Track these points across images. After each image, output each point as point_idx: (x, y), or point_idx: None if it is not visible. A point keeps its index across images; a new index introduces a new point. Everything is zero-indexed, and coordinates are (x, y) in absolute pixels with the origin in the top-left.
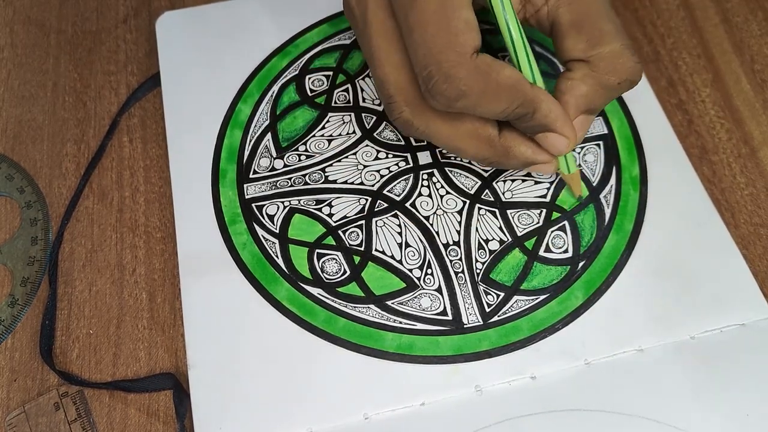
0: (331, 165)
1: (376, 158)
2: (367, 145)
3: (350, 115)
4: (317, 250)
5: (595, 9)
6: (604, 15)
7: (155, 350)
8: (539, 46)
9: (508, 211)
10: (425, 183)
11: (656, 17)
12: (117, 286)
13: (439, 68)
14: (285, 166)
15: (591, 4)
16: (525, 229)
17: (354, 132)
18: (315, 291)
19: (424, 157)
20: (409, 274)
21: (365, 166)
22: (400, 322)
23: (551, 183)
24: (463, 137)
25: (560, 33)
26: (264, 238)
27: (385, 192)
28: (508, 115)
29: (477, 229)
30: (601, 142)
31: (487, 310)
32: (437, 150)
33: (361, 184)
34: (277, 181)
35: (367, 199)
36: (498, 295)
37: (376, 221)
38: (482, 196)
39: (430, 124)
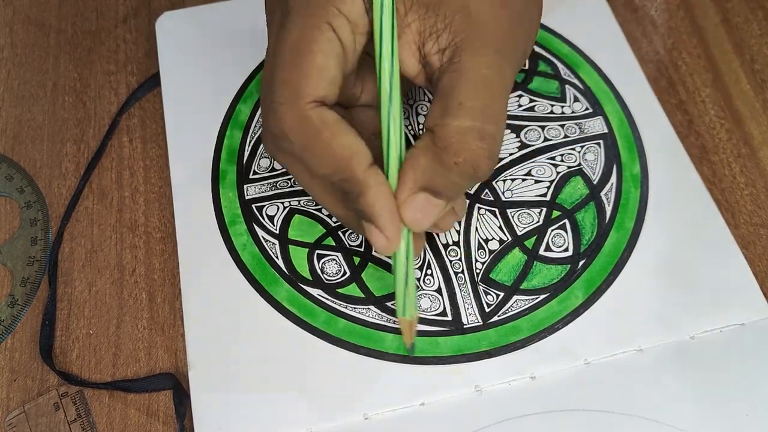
0: None
1: None
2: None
3: None
4: (317, 251)
5: (474, 84)
6: (479, 92)
7: (155, 350)
8: (539, 46)
9: (508, 211)
10: None
11: (656, 17)
12: (117, 286)
13: (272, 101)
14: None
15: (472, 78)
16: (525, 228)
17: None
18: (315, 292)
19: None
20: None
21: None
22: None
23: (551, 182)
24: (314, 181)
25: (433, 97)
26: (264, 239)
27: None
28: (334, 185)
29: (477, 228)
30: (601, 141)
31: (487, 310)
32: None
33: None
34: (277, 181)
35: None
36: (498, 295)
37: None
38: (482, 196)
39: (288, 163)
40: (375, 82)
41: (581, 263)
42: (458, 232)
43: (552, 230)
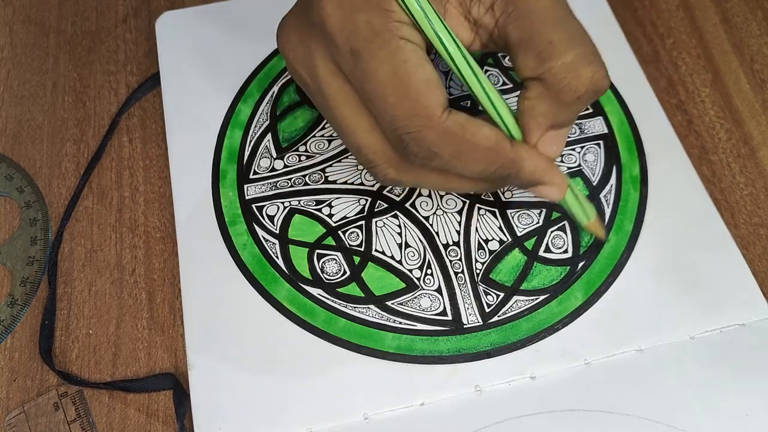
0: (331, 165)
1: None
2: None
3: None
4: (317, 251)
5: (544, 19)
6: (555, 24)
7: (155, 350)
8: None
9: (508, 211)
10: None
11: (656, 17)
12: (116, 286)
13: (407, 133)
14: (285, 166)
15: (539, 15)
16: (525, 229)
17: None
18: (315, 291)
19: None
20: (409, 274)
21: None
22: (400, 323)
23: None
24: (456, 181)
25: (512, 52)
26: (264, 238)
27: (384, 192)
28: (489, 177)
29: (477, 229)
30: (601, 142)
31: (487, 310)
32: None
33: (361, 184)
34: (277, 181)
35: (366, 200)
36: (498, 296)
37: (376, 221)
38: (482, 196)
39: (419, 177)
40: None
41: (581, 264)
42: (458, 232)
43: (552, 231)
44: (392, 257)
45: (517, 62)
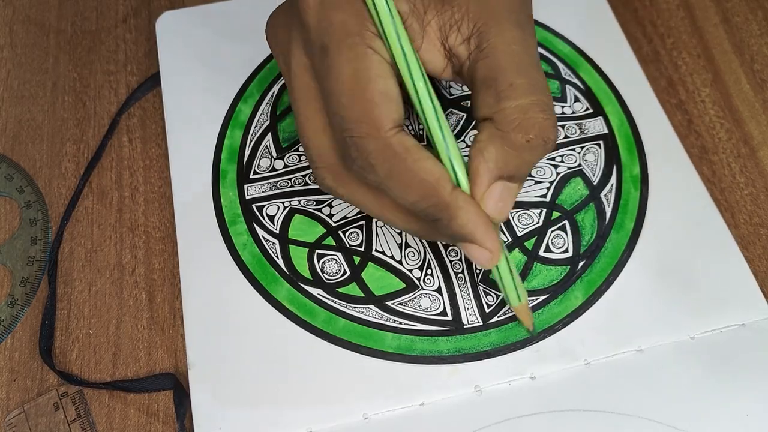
0: None
1: None
2: None
3: None
4: (317, 251)
5: (511, 62)
6: (520, 69)
7: (155, 350)
8: (539, 46)
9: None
10: None
11: (656, 17)
12: (116, 286)
13: (351, 137)
14: (285, 166)
15: (507, 57)
16: (525, 229)
17: None
18: (315, 291)
19: None
20: (409, 274)
21: None
22: (400, 323)
23: (551, 183)
24: (389, 208)
25: (474, 89)
26: (264, 238)
27: None
28: (421, 213)
29: None
30: (601, 142)
31: (487, 310)
32: None
33: None
34: (278, 181)
35: None
36: (498, 296)
37: (376, 221)
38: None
39: (353, 193)
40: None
41: (581, 264)
42: None
43: (552, 231)
44: (392, 257)
45: (476, 100)
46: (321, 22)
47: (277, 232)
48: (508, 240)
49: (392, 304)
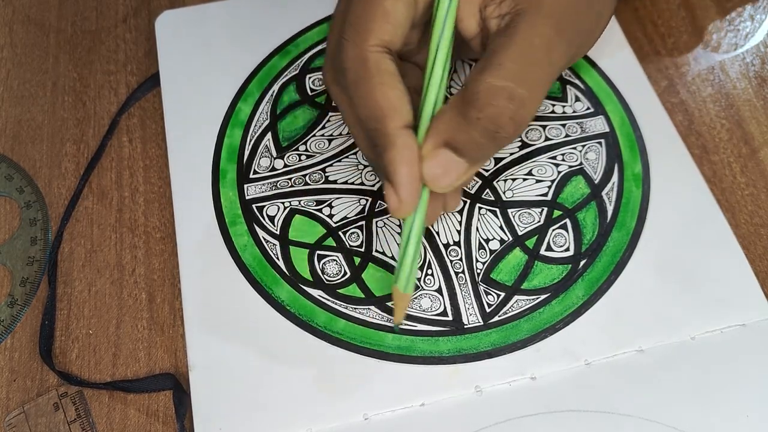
0: (331, 165)
1: None
2: None
3: None
4: (318, 252)
5: (519, 49)
6: (523, 58)
7: (155, 350)
8: None
9: (509, 210)
10: None
11: (657, 17)
12: (116, 286)
13: (341, 36)
14: (285, 166)
15: (519, 44)
16: (526, 228)
17: None
18: (315, 293)
19: None
20: None
21: (365, 166)
22: (400, 323)
23: (553, 181)
24: (354, 120)
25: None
26: (265, 239)
27: None
28: (367, 133)
29: (477, 228)
30: (602, 140)
31: (488, 310)
32: None
33: (362, 184)
34: (278, 181)
35: (367, 200)
36: (498, 295)
37: (377, 222)
38: (483, 196)
39: (336, 94)
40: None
41: (582, 263)
42: (459, 232)
43: (553, 230)
44: (393, 258)
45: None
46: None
47: (278, 233)
48: (509, 239)
49: (392, 304)
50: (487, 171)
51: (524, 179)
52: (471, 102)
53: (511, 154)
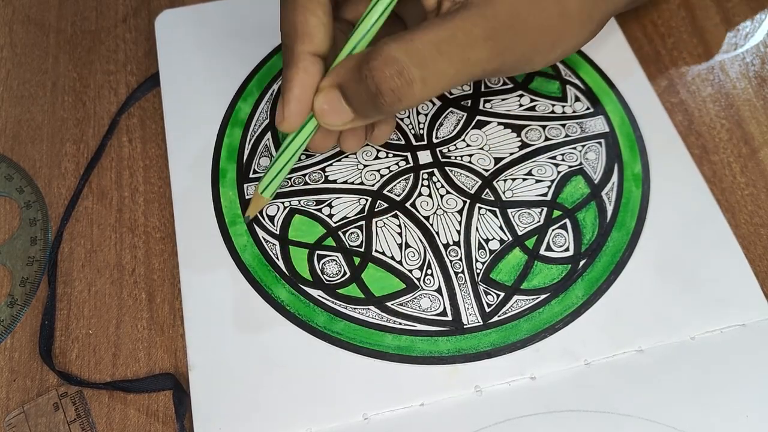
0: (331, 164)
1: (377, 158)
2: (367, 144)
3: None
4: (317, 252)
5: (438, 31)
6: (435, 40)
7: (155, 350)
8: None
9: (509, 211)
10: (425, 183)
11: (656, 17)
12: (116, 286)
13: None
14: None
15: (443, 27)
16: (525, 228)
17: None
18: (315, 293)
19: (425, 157)
20: (409, 274)
21: (365, 166)
22: (400, 323)
23: (552, 181)
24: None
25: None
26: (264, 239)
27: (385, 192)
28: (282, 46)
29: (477, 228)
30: (602, 140)
31: (487, 310)
32: (437, 149)
33: (361, 183)
34: None
35: (367, 199)
36: (498, 295)
37: (376, 221)
38: (482, 196)
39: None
40: None
41: (582, 263)
42: (458, 231)
43: (553, 230)
44: (392, 257)
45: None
46: None
47: (277, 232)
48: (509, 239)
49: (392, 304)
50: (486, 171)
51: (524, 179)
52: (367, 59)
53: (511, 154)
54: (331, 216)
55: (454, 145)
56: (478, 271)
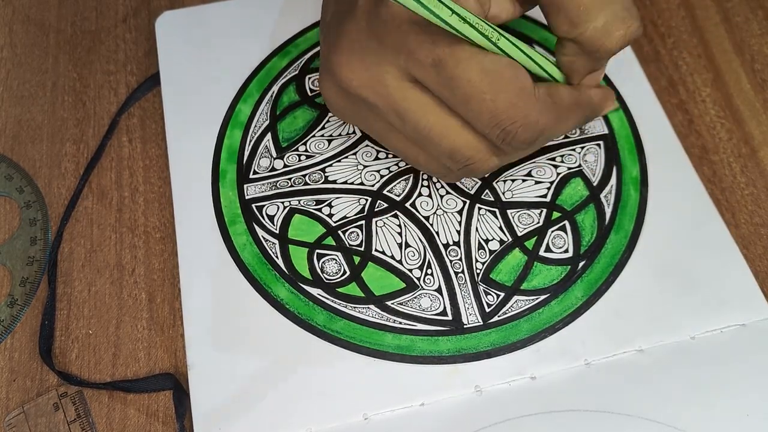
0: (331, 165)
1: (376, 158)
2: (367, 145)
3: None
4: (317, 251)
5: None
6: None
7: (154, 350)
8: (539, 46)
9: (509, 211)
10: (425, 183)
11: (656, 17)
12: (116, 286)
13: (513, 124)
14: (285, 166)
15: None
16: (525, 228)
17: (354, 132)
18: (315, 291)
19: None
20: (409, 274)
21: (365, 166)
22: (400, 323)
23: (552, 183)
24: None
25: (546, 12)
26: (264, 238)
27: (385, 192)
28: (580, 125)
29: (477, 229)
30: (601, 142)
31: (487, 310)
32: None
33: (361, 184)
34: (277, 181)
35: (367, 199)
36: (498, 295)
37: (376, 221)
38: (482, 196)
39: (518, 154)
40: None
41: (581, 264)
42: (458, 232)
43: (552, 231)
44: (392, 257)
45: (551, 22)
46: (425, 41)
47: (277, 232)
48: (508, 240)
49: (392, 304)
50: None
51: (523, 180)
52: (598, 51)
53: None
54: (330, 216)
55: None
56: (478, 271)
